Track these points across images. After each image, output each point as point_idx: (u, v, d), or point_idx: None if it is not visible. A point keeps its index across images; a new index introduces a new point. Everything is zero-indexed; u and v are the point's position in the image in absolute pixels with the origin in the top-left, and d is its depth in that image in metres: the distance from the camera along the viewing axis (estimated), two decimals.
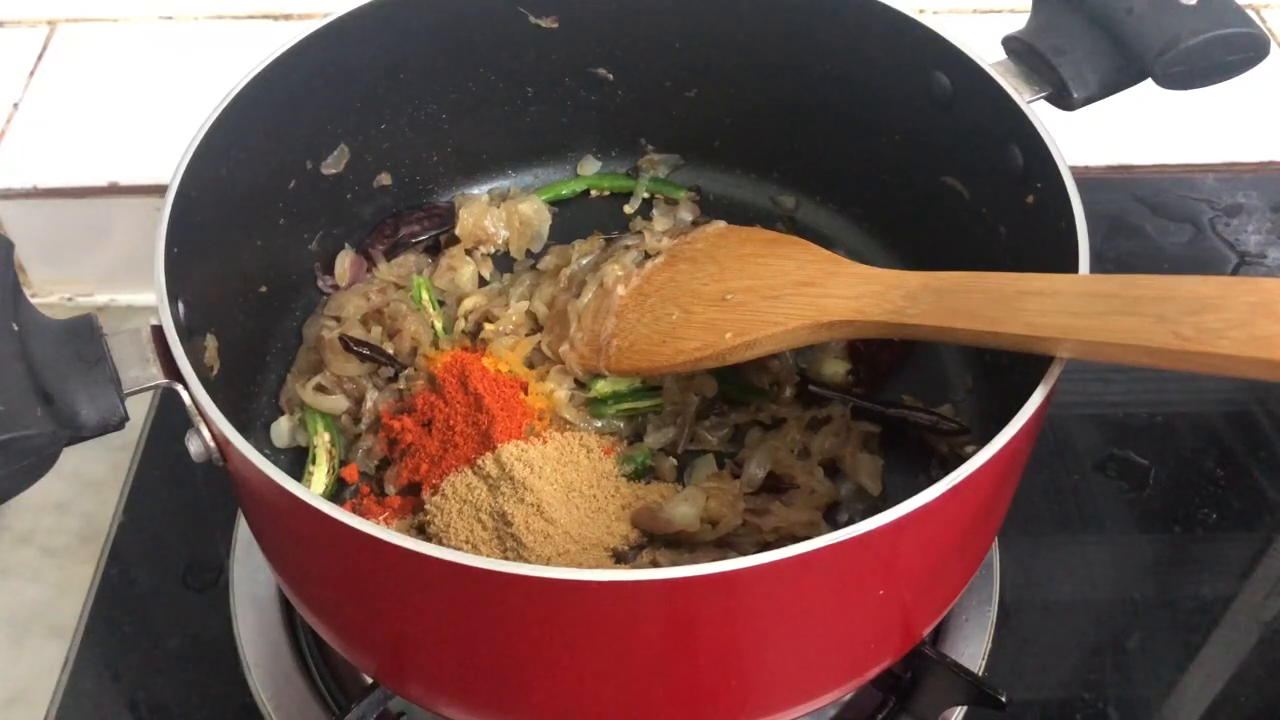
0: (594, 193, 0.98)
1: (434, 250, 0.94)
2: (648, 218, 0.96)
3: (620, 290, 0.84)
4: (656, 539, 0.76)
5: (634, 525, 0.76)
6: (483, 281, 0.93)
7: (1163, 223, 1.10)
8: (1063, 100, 0.77)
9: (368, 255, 0.91)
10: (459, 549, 0.71)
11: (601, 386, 0.82)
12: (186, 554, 0.89)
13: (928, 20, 0.79)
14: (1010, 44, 0.79)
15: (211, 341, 0.74)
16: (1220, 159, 1.14)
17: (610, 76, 0.93)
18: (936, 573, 0.66)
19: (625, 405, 0.82)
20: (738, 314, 0.76)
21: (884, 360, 0.86)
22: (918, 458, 0.82)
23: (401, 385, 0.84)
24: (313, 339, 0.86)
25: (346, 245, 0.91)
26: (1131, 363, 0.58)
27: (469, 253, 0.93)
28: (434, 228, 0.94)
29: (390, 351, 0.86)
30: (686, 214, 0.95)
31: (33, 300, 0.62)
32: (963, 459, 0.56)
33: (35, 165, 1.05)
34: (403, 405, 0.82)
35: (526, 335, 0.86)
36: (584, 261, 0.90)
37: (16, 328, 0.59)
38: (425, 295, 0.89)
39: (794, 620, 0.59)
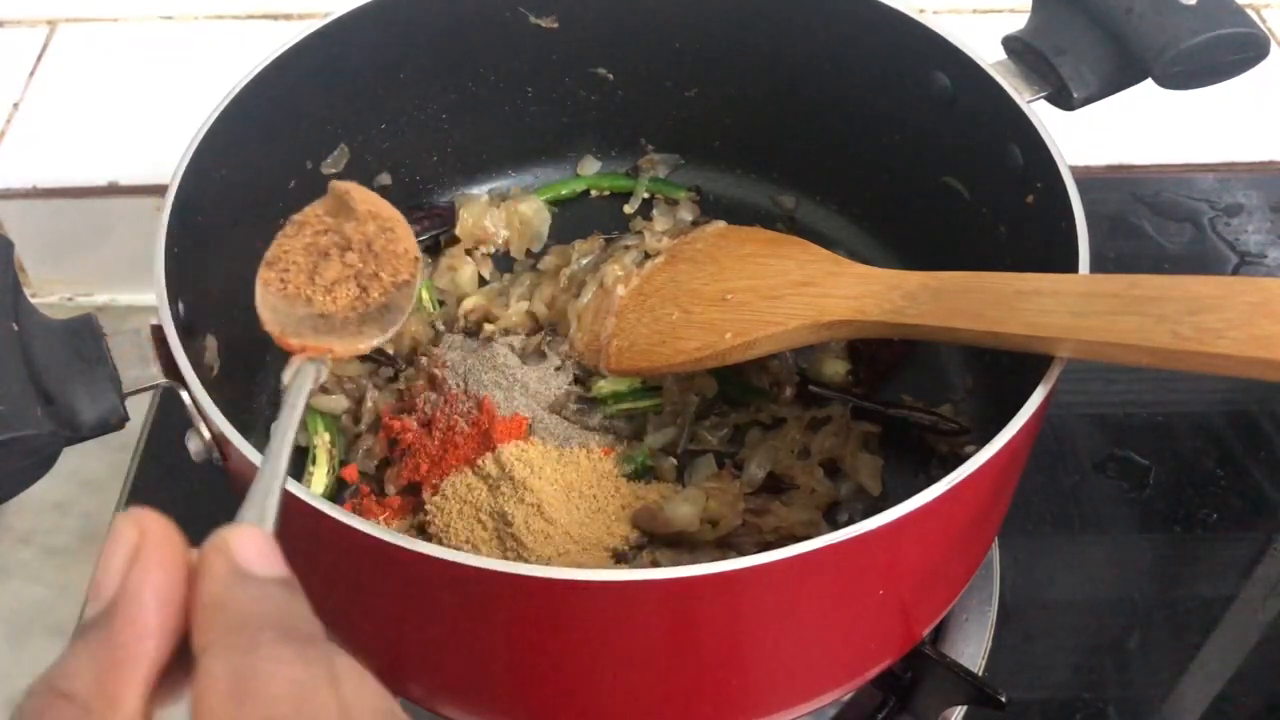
0: (594, 193, 0.98)
1: (434, 250, 0.94)
2: (648, 218, 0.96)
3: (620, 290, 0.84)
4: (656, 539, 0.76)
5: (634, 525, 0.76)
6: (483, 281, 0.93)
7: (1163, 223, 1.10)
8: (1063, 100, 0.77)
9: None
10: (459, 549, 0.71)
11: (601, 386, 0.82)
12: None
13: (928, 20, 0.79)
14: (1010, 44, 0.79)
15: (211, 341, 0.74)
16: (1220, 159, 1.14)
17: (610, 76, 0.93)
18: (936, 573, 0.66)
19: (625, 405, 0.82)
20: (738, 314, 0.76)
21: (884, 360, 0.86)
22: (918, 458, 0.82)
23: (401, 385, 0.84)
24: None
25: None
26: (1131, 363, 0.58)
27: (469, 253, 0.93)
28: (434, 228, 0.94)
29: (390, 351, 0.86)
30: (686, 214, 0.95)
31: (33, 300, 0.62)
32: (963, 459, 0.56)
33: (35, 165, 1.05)
34: (403, 405, 0.82)
35: (527, 335, 0.86)
36: (584, 261, 0.90)
37: (16, 328, 0.59)
38: (425, 295, 0.89)
39: (794, 620, 0.59)
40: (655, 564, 0.75)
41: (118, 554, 0.32)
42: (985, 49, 0.77)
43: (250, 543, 0.34)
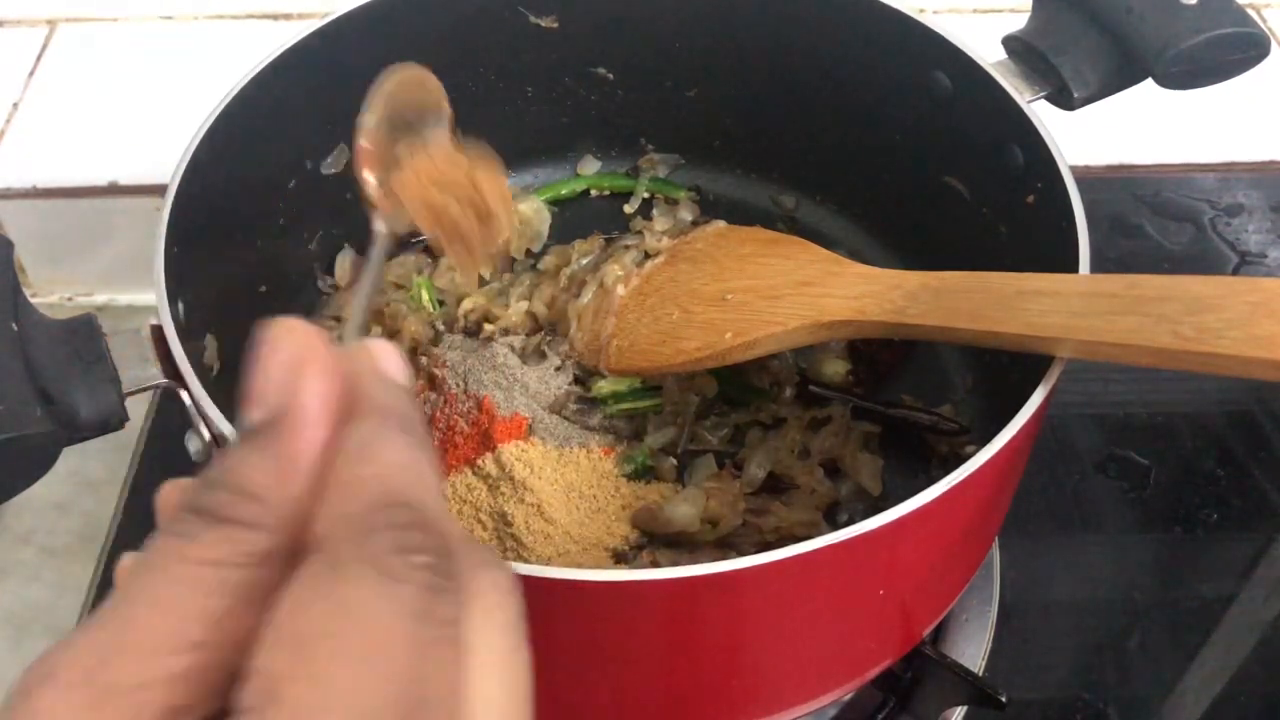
0: (594, 193, 0.98)
1: (434, 250, 0.94)
2: (648, 218, 0.96)
3: (620, 290, 0.84)
4: (656, 539, 0.76)
5: (634, 525, 0.76)
6: (483, 281, 0.93)
7: (1163, 222, 1.10)
8: (1063, 100, 0.77)
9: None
10: None
11: (601, 386, 0.82)
12: None
13: (928, 20, 0.79)
14: (1010, 44, 0.79)
15: (211, 341, 0.74)
16: (1220, 159, 1.14)
17: (610, 76, 0.93)
18: (936, 573, 0.66)
19: (625, 405, 0.82)
20: (738, 314, 0.76)
21: (884, 360, 0.86)
22: (918, 458, 0.82)
23: None
24: None
25: (346, 245, 0.91)
26: (1131, 362, 0.58)
27: None
28: None
29: None
30: (686, 214, 0.95)
31: (33, 300, 0.62)
32: (963, 459, 0.56)
33: (35, 165, 1.05)
34: None
35: (527, 335, 0.86)
36: (584, 261, 0.90)
37: (16, 328, 0.59)
38: (425, 295, 0.89)
39: (794, 620, 0.59)
40: (655, 564, 0.75)
41: (278, 361, 0.34)
42: (985, 49, 0.77)
43: (389, 352, 0.37)
